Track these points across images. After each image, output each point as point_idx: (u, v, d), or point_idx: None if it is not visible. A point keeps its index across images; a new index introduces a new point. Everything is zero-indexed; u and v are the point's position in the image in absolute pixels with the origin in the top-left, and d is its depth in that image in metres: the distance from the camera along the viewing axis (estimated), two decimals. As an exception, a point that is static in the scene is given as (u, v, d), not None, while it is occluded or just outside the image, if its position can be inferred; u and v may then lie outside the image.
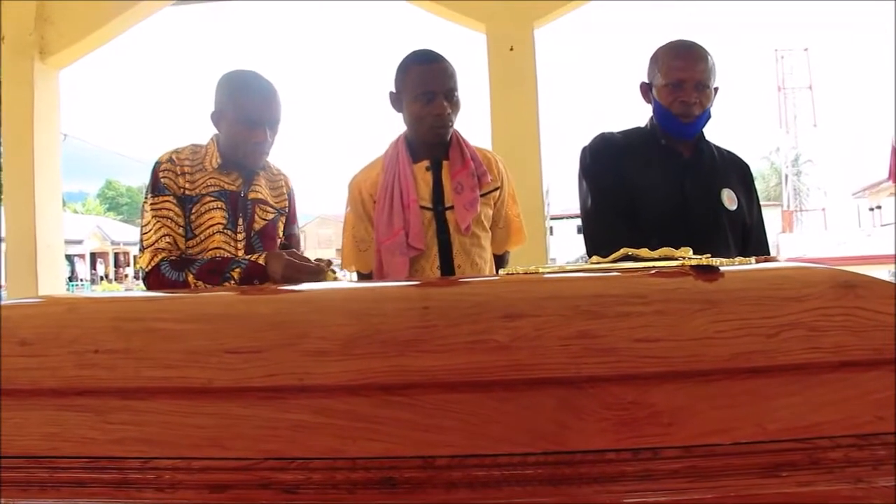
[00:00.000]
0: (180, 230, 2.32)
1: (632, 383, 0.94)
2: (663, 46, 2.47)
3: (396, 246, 2.38)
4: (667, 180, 2.39)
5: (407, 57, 2.43)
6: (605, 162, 2.45)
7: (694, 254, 1.21)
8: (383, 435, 0.91)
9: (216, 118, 2.39)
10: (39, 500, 0.94)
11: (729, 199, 2.43)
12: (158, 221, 2.31)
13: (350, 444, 0.90)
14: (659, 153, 2.44)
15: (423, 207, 2.41)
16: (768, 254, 2.55)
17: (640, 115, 2.56)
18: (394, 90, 2.45)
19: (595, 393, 0.93)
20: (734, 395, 0.94)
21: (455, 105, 2.39)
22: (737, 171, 2.57)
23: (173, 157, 2.36)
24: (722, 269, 1.12)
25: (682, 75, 2.36)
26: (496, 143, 4.56)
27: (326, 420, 0.93)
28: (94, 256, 38.73)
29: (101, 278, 37.11)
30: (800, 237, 35.64)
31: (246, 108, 2.30)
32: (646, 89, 2.50)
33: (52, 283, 5.22)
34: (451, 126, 2.40)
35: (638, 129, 2.55)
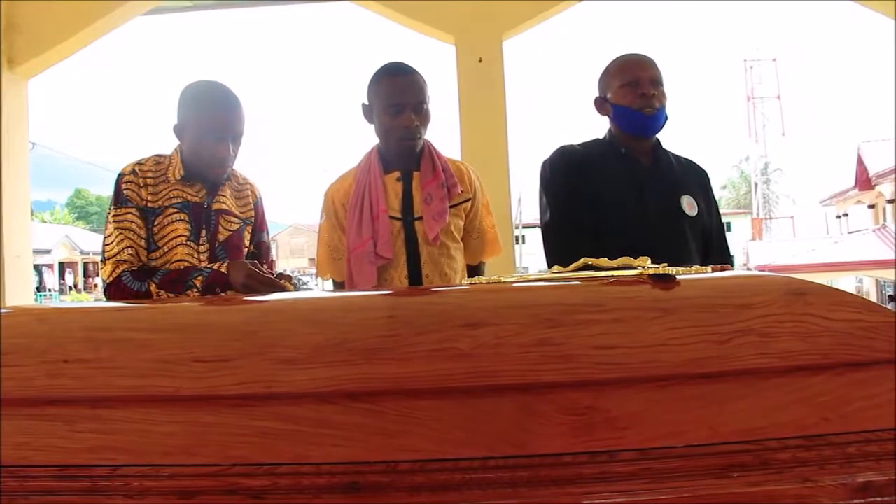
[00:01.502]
0: (142, 242, 2.32)
1: (589, 389, 0.97)
2: (613, 60, 2.55)
3: (365, 254, 2.41)
4: (627, 188, 2.43)
5: (378, 70, 2.46)
6: (565, 174, 2.49)
7: (656, 260, 1.25)
8: (348, 441, 0.93)
9: (179, 130, 2.38)
10: (9, 509, 0.96)
11: (689, 205, 2.48)
12: (121, 233, 2.30)
13: (315, 450, 0.93)
14: (619, 162, 2.49)
15: (392, 217, 2.44)
16: (730, 257, 2.60)
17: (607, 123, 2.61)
18: (366, 102, 2.48)
19: (553, 398, 0.96)
20: (687, 399, 0.97)
21: (424, 117, 2.42)
22: (695, 178, 2.62)
23: (136, 168, 2.35)
24: (678, 277, 1.15)
25: (637, 73, 2.45)
26: (465, 152, 4.60)
27: (293, 427, 0.95)
28: (62, 266, 38.26)
29: (70, 288, 36.68)
30: (769, 244, 35.93)
31: (208, 123, 2.29)
32: (600, 102, 2.55)
33: (20, 293, 5.17)
34: (420, 138, 2.44)
35: (597, 140, 2.59)
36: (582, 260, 1.25)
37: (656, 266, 1.19)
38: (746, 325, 1.03)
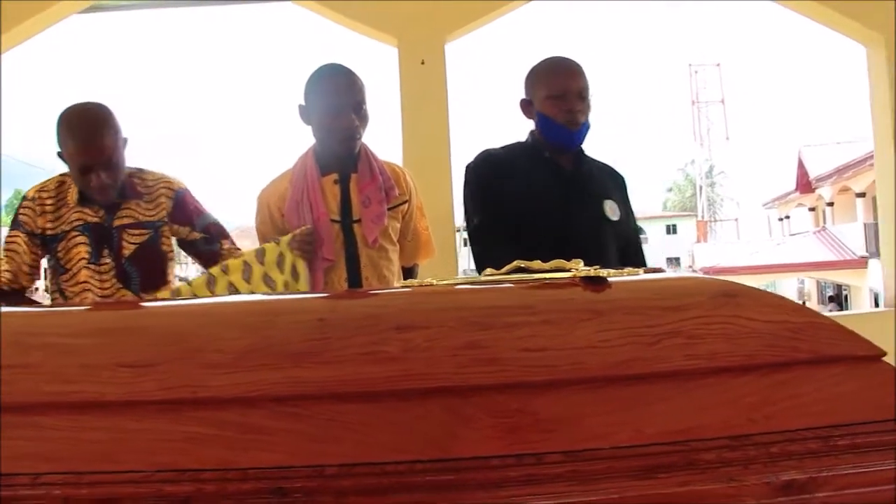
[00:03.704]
0: (25, 267, 2.46)
1: (517, 391, 0.97)
2: (541, 63, 2.55)
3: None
4: (551, 194, 2.45)
5: (316, 70, 2.46)
6: (489, 179, 2.50)
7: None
8: (274, 445, 0.92)
9: (63, 158, 2.41)
10: (-76, 521, 0.93)
11: (611, 210, 2.51)
12: (6, 255, 2.44)
13: (242, 455, 0.91)
14: (542, 167, 2.49)
15: (331, 220, 2.43)
16: (645, 263, 2.64)
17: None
18: (303, 103, 2.47)
19: (481, 402, 0.96)
20: (615, 401, 0.98)
21: (363, 118, 2.42)
22: (614, 183, 2.65)
23: (37, 195, 2.45)
24: (610, 280, 1.16)
25: (565, 85, 2.44)
26: (407, 155, 4.62)
27: (219, 432, 0.94)
28: None
29: (10, 291, 35.82)
30: (714, 247, 36.57)
31: (76, 154, 2.33)
32: (526, 105, 2.55)
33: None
34: (360, 139, 2.44)
35: (520, 143, 2.60)
36: (514, 262, 1.25)
37: (588, 269, 1.20)
38: (675, 327, 1.05)
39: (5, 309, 1.40)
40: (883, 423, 0.99)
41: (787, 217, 33.74)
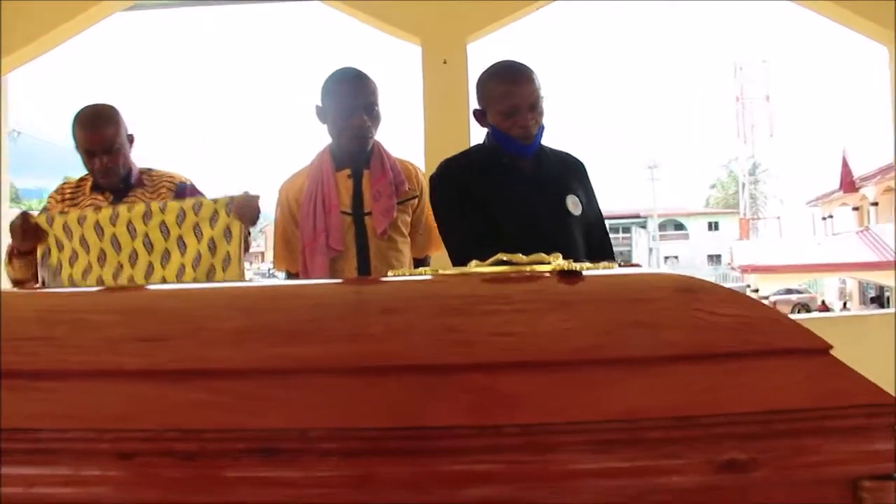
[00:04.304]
0: None
1: (486, 371, 1.08)
2: (488, 72, 2.56)
3: (318, 247, 2.56)
4: (514, 197, 2.51)
5: (331, 74, 2.63)
6: (453, 189, 2.56)
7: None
8: (267, 411, 1.05)
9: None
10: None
11: (573, 205, 2.56)
12: None
13: (239, 419, 1.04)
14: (502, 171, 2.54)
15: (343, 212, 2.59)
16: (612, 252, 2.68)
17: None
18: (319, 104, 2.62)
19: (454, 379, 1.07)
20: (573, 382, 1.08)
21: (375, 118, 2.58)
22: (574, 173, 2.69)
23: (61, 186, 2.98)
24: (584, 273, 1.27)
25: (514, 101, 2.45)
26: (428, 152, 4.75)
27: (220, 399, 1.06)
28: (49, 251, 38.08)
29: (57, 273, 36.47)
30: (754, 244, 36.15)
31: (83, 141, 2.75)
32: (480, 115, 2.58)
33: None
34: (372, 137, 2.59)
35: (480, 146, 2.65)
36: (497, 255, 1.35)
37: (564, 262, 1.30)
38: (636, 317, 1.14)
39: (36, 290, 1.57)
40: (819, 411, 1.06)
41: (831, 216, 33.26)
